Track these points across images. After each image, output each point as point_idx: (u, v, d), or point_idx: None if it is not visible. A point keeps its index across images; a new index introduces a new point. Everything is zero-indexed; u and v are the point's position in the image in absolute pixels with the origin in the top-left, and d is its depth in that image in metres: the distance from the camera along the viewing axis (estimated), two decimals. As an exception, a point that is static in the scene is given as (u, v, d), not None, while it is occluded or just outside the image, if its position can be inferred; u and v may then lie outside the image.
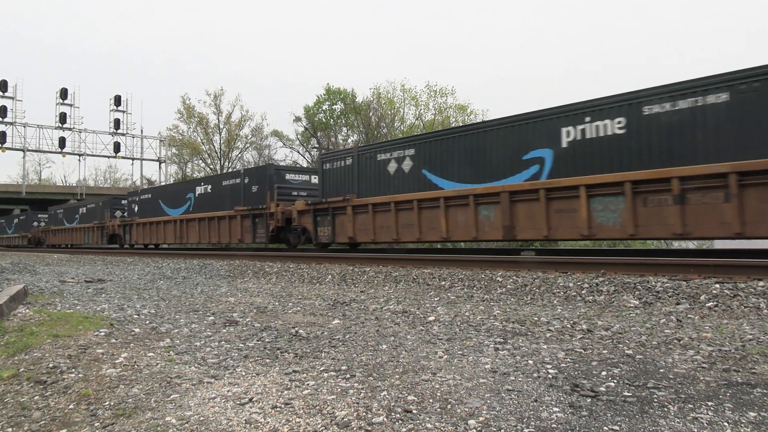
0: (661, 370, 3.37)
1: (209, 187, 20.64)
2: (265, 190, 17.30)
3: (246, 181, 18.43)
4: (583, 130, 9.89)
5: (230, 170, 42.79)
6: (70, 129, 47.59)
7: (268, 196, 17.10)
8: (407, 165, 13.01)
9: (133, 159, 51.13)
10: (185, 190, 22.36)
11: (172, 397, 3.07)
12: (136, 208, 25.65)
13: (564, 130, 10.14)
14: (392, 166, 13.35)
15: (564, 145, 10.12)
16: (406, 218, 12.54)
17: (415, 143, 13.00)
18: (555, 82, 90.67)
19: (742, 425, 2.45)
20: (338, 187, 14.76)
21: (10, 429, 2.76)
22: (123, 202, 28.17)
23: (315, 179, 17.98)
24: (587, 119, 9.83)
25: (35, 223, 39.94)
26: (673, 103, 8.80)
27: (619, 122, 9.42)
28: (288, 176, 18.17)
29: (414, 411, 2.72)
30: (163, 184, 46.46)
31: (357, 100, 40.51)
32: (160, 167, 51.31)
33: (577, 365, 3.55)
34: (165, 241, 23.53)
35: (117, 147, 49.75)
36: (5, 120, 44.68)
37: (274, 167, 18.78)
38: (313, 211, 15.19)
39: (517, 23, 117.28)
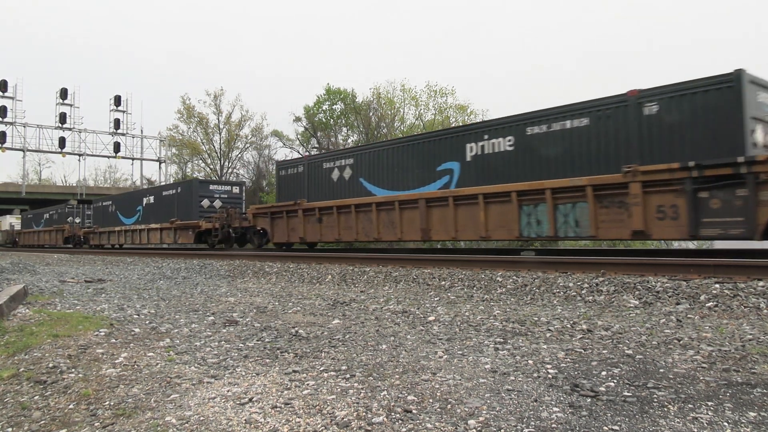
0: (661, 370, 3.37)
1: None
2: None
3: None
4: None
5: (229, 173, 42.79)
6: (70, 129, 47.53)
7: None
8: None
9: (133, 159, 51.10)
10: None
11: (172, 396, 3.07)
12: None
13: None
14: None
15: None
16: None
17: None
18: (557, 83, 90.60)
19: (742, 425, 2.45)
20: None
21: (10, 429, 2.76)
22: None
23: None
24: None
25: None
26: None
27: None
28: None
29: (414, 411, 2.72)
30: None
31: (357, 100, 40.42)
32: (160, 167, 51.32)
33: (577, 365, 3.55)
34: None
35: (117, 147, 49.70)
36: (5, 120, 44.59)
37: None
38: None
39: (519, 22, 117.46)
